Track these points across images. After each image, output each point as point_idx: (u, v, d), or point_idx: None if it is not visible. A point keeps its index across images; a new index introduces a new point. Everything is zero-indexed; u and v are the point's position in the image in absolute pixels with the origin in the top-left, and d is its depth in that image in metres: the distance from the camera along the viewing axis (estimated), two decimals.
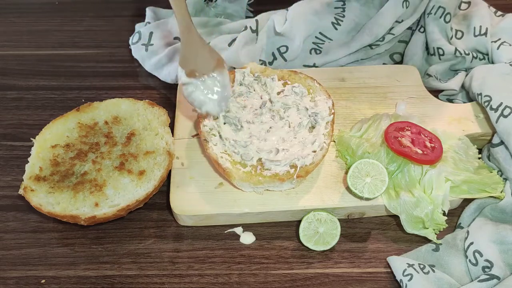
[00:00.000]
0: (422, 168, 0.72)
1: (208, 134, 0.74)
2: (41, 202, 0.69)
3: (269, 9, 0.94)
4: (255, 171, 0.70)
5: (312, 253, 0.71)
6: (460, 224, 0.73)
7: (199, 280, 0.68)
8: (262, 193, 0.72)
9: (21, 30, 1.06)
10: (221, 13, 1.00)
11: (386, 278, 0.68)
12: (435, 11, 0.91)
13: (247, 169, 0.71)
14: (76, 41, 1.03)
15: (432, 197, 0.70)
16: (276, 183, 0.70)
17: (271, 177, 0.70)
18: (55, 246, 0.72)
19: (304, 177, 0.71)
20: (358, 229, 0.73)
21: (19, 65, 0.98)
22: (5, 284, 0.67)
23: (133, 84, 0.93)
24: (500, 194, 0.72)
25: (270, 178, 0.70)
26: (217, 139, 0.73)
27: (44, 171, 0.72)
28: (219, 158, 0.71)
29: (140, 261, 0.70)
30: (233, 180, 0.71)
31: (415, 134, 0.75)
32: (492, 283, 0.63)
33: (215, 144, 0.73)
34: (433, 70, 0.90)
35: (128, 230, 0.73)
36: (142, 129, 0.78)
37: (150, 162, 0.74)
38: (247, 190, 0.73)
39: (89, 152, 0.75)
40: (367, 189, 0.70)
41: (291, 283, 0.68)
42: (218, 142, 0.73)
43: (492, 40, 0.89)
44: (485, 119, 0.81)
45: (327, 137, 0.73)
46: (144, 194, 0.71)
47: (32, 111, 0.89)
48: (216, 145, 0.73)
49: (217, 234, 0.73)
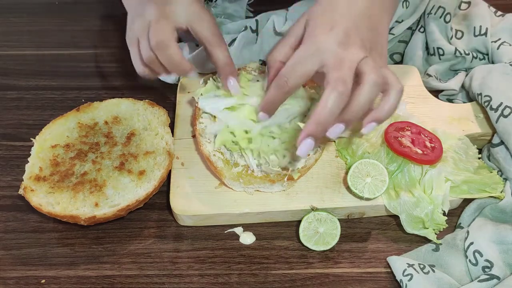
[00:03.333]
0: (422, 168, 0.72)
1: (203, 131, 0.74)
2: (41, 202, 0.69)
3: (269, 9, 0.94)
4: (246, 171, 0.70)
5: (312, 253, 0.71)
6: (460, 224, 0.73)
7: (199, 280, 0.68)
8: (252, 193, 0.72)
9: (21, 30, 1.06)
10: (221, 13, 1.00)
11: (386, 278, 0.68)
12: (435, 11, 0.91)
13: (239, 168, 0.70)
14: (76, 41, 1.03)
15: (432, 197, 0.70)
16: (266, 185, 0.71)
17: (262, 178, 0.70)
18: (55, 246, 0.72)
19: (295, 180, 0.71)
20: (358, 229, 0.73)
21: (19, 65, 0.98)
22: (5, 284, 0.67)
23: (133, 84, 0.93)
24: (500, 194, 0.73)
25: (261, 179, 0.70)
26: (212, 137, 0.73)
27: (44, 171, 0.72)
28: (212, 156, 0.71)
29: (140, 261, 0.70)
30: (223, 178, 0.71)
31: (415, 134, 0.75)
32: (492, 283, 0.63)
33: (209, 141, 0.73)
34: (433, 70, 0.90)
35: (128, 230, 0.73)
36: (142, 129, 0.78)
37: (150, 162, 0.74)
38: (237, 190, 0.73)
39: (89, 152, 0.75)
40: (367, 189, 0.70)
41: (291, 283, 0.68)
42: (212, 139, 0.73)
43: (492, 40, 0.89)
44: (485, 119, 0.81)
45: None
46: (144, 194, 0.71)
47: (32, 111, 0.89)
48: (210, 143, 0.73)
49: (217, 234, 0.73)
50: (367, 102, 0.58)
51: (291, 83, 0.60)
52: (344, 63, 0.58)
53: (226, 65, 0.69)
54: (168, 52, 0.66)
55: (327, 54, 0.58)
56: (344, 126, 0.59)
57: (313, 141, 0.58)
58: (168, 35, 0.66)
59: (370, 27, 0.61)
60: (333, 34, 0.59)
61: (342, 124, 0.59)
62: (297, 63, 0.60)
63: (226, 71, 0.70)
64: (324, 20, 0.60)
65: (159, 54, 0.67)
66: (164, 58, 0.67)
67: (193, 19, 0.66)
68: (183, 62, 0.68)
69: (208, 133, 0.73)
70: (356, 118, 0.59)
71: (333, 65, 0.58)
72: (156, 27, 0.65)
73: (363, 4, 0.61)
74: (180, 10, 0.66)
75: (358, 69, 0.59)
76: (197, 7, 0.67)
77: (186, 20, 0.66)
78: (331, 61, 0.58)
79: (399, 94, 0.60)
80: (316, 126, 0.58)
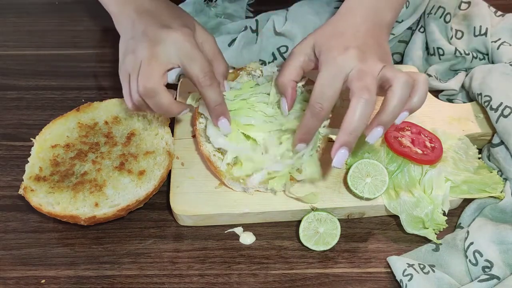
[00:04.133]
0: (422, 168, 0.72)
1: (203, 132, 0.74)
2: (41, 202, 0.69)
3: (269, 9, 0.94)
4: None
5: (312, 253, 0.71)
6: (460, 224, 0.73)
7: (199, 280, 0.68)
8: (252, 193, 0.72)
9: (21, 30, 1.06)
10: (221, 13, 1.00)
11: (386, 278, 0.68)
12: (435, 11, 0.91)
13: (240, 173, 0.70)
14: (76, 41, 1.03)
15: (432, 197, 0.70)
16: (266, 185, 0.71)
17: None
18: (55, 246, 0.72)
19: (295, 180, 0.71)
20: (358, 229, 0.73)
21: (19, 65, 0.98)
22: (5, 284, 0.67)
23: None
24: (500, 194, 0.73)
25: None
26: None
27: (44, 171, 0.72)
28: (212, 156, 0.71)
29: (140, 261, 0.70)
30: (223, 178, 0.71)
31: (415, 134, 0.75)
32: (492, 283, 0.63)
33: (209, 141, 0.73)
34: (433, 70, 0.90)
35: (128, 230, 0.73)
36: (142, 129, 0.78)
37: (150, 162, 0.74)
38: (237, 190, 0.73)
39: (89, 152, 0.75)
40: (367, 189, 0.70)
41: (291, 283, 0.68)
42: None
43: (492, 40, 0.89)
44: (485, 119, 0.81)
45: (321, 141, 0.73)
46: (144, 194, 0.71)
47: (32, 111, 0.89)
48: (210, 143, 0.73)
49: (217, 234, 0.73)
50: (401, 101, 0.61)
51: (326, 107, 0.62)
52: (366, 73, 0.61)
53: (217, 105, 0.68)
54: (156, 99, 0.66)
55: (349, 70, 0.62)
56: (382, 129, 0.62)
57: (347, 151, 0.61)
58: (157, 81, 0.65)
59: (377, 44, 0.65)
60: (349, 53, 0.62)
61: (380, 127, 0.61)
62: (325, 86, 0.62)
63: (217, 111, 0.69)
64: (336, 43, 0.64)
65: (147, 100, 0.66)
66: (153, 104, 0.67)
67: (184, 60, 0.65)
68: (172, 107, 0.68)
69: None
70: (393, 119, 0.62)
71: (356, 77, 0.61)
72: (146, 70, 0.65)
73: (366, 26, 0.66)
74: (171, 51, 0.65)
75: (381, 77, 0.62)
76: (189, 46, 0.66)
77: (177, 60, 0.66)
78: (354, 74, 0.61)
79: (426, 83, 0.63)
80: (348, 135, 0.60)
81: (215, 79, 0.67)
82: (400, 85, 0.60)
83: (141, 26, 0.68)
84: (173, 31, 0.66)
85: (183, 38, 0.66)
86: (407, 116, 0.63)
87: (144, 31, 0.67)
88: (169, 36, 0.66)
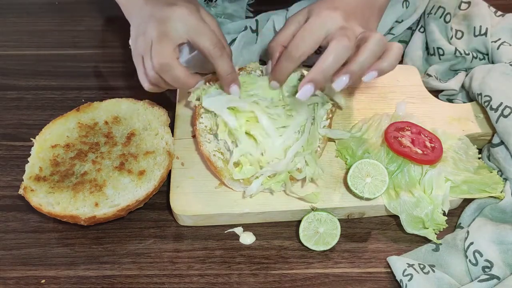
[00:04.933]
0: (422, 168, 0.72)
1: (203, 131, 0.74)
2: (41, 202, 0.69)
3: (269, 9, 0.94)
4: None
5: (312, 253, 0.71)
6: (460, 224, 0.73)
7: (199, 280, 0.68)
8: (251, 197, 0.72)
9: (21, 30, 1.06)
10: (221, 13, 1.00)
11: (386, 278, 0.68)
12: (435, 11, 0.91)
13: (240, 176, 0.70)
14: (76, 41, 1.03)
15: (432, 197, 0.70)
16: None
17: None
18: (55, 246, 0.72)
19: (294, 180, 0.71)
20: (358, 229, 0.73)
21: (19, 65, 0.98)
22: (5, 284, 0.67)
23: (133, 84, 0.92)
24: (500, 194, 0.73)
25: None
26: (211, 137, 0.73)
27: (44, 171, 0.72)
28: (212, 156, 0.71)
29: (140, 261, 0.70)
30: (224, 178, 0.71)
31: (415, 134, 0.75)
32: (492, 283, 0.63)
33: (209, 141, 0.73)
34: (433, 70, 0.90)
35: (128, 230, 0.73)
36: (142, 129, 0.78)
37: (150, 162, 0.74)
38: (237, 190, 0.73)
39: (89, 152, 0.75)
40: (367, 189, 0.70)
41: (291, 283, 0.68)
42: (212, 139, 0.73)
43: (492, 40, 0.89)
44: (485, 119, 0.81)
45: (321, 141, 0.73)
46: (144, 194, 0.71)
47: (32, 111, 0.89)
48: (210, 143, 0.73)
49: (217, 234, 0.73)
50: (371, 55, 0.64)
51: (301, 52, 0.66)
52: (347, 30, 0.65)
53: (228, 74, 0.71)
54: (172, 73, 0.68)
55: (332, 26, 0.66)
56: (348, 78, 0.64)
57: (313, 87, 0.64)
58: (170, 55, 0.67)
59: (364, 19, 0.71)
60: (336, 12, 0.67)
61: (346, 75, 0.64)
62: (305, 33, 0.66)
63: (228, 79, 0.71)
64: (327, 4, 0.69)
65: (163, 75, 0.68)
66: (169, 79, 0.69)
67: (192, 33, 0.67)
68: (188, 79, 0.70)
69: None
70: (361, 71, 0.64)
71: (338, 32, 0.65)
72: (158, 48, 0.67)
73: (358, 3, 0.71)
74: (179, 26, 0.67)
75: (361, 38, 0.65)
76: (195, 20, 0.68)
77: (186, 35, 0.68)
78: (337, 29, 0.65)
79: (400, 50, 0.66)
80: (318, 74, 0.64)
81: (224, 49, 0.70)
82: (373, 41, 0.63)
83: (147, 9, 0.70)
84: (177, 7, 0.68)
85: (188, 12, 0.68)
86: (375, 76, 0.65)
87: (150, 13, 0.69)
88: (174, 12, 0.67)
